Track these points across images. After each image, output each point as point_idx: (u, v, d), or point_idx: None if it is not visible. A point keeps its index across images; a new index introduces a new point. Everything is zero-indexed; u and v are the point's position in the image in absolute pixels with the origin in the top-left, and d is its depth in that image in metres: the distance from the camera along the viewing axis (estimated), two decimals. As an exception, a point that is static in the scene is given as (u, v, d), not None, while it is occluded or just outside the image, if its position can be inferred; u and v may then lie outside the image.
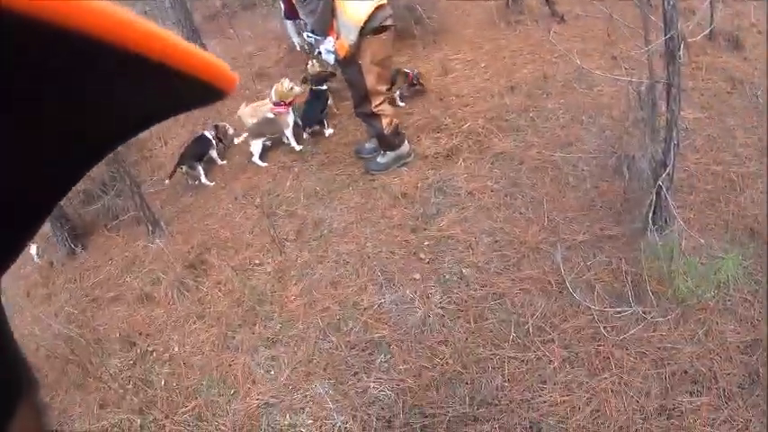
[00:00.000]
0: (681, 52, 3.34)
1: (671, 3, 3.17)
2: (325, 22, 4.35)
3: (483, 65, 6.18)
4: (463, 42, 6.79)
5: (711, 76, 5.40)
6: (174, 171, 5.71)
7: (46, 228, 5.68)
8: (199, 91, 0.33)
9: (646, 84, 3.55)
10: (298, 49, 7.68)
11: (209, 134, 5.94)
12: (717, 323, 3.22)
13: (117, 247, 5.48)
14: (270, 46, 8.47)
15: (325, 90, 5.73)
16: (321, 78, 5.66)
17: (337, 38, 4.39)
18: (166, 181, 5.82)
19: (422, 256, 4.12)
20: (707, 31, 5.89)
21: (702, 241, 3.51)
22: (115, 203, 5.68)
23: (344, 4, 4.28)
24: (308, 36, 4.88)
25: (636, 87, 3.72)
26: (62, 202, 5.93)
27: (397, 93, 5.74)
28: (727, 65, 5.55)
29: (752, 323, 3.20)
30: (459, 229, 4.23)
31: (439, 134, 5.25)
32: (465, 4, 7.87)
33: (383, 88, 4.73)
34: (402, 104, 5.79)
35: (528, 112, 5.25)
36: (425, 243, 4.21)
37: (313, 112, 5.70)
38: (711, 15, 5.93)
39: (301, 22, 4.79)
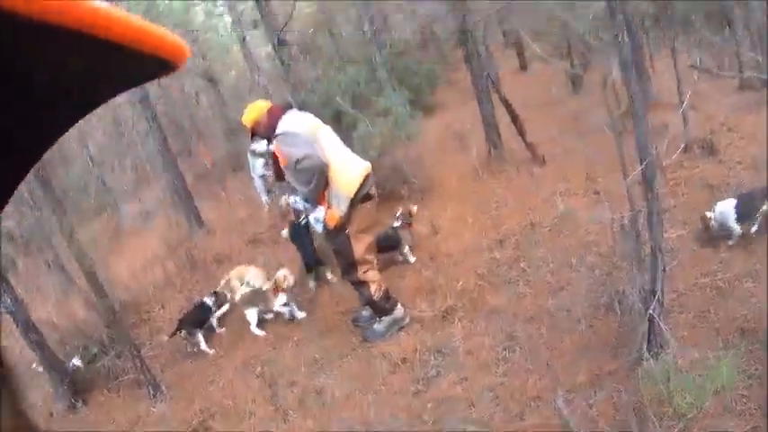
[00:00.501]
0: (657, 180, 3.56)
1: (643, 132, 3.43)
2: (319, 193, 4.51)
3: (471, 220, 6.46)
4: (450, 198, 7.14)
5: (690, 190, 5.69)
6: (175, 333, 5.81)
7: (45, 378, 5.80)
8: (148, 65, 0.34)
9: (627, 217, 3.75)
10: (266, 208, 7.72)
11: (209, 301, 6.07)
12: (717, 426, 3.24)
13: (118, 408, 5.47)
14: (261, 210, 8.84)
15: (306, 222, 5.72)
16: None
17: (328, 207, 4.53)
18: (165, 338, 5.94)
19: (425, 417, 4.08)
20: (682, 146, 6.22)
21: (697, 354, 3.60)
22: (115, 364, 5.76)
23: (338, 175, 4.49)
24: (294, 202, 5.01)
25: (618, 222, 3.92)
26: (62, 358, 6.05)
27: (407, 248, 5.97)
28: (704, 173, 5.85)
29: (750, 414, 3.27)
30: (460, 389, 4.22)
31: (433, 296, 5.36)
32: (448, 159, 8.33)
33: (370, 257, 4.83)
34: (413, 259, 6.00)
35: (518, 262, 5.42)
36: (428, 405, 4.18)
37: (307, 250, 5.95)
38: (685, 128, 6.28)
39: (284, 183, 4.92)
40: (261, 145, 4.90)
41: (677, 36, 9.16)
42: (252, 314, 5.78)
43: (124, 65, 0.33)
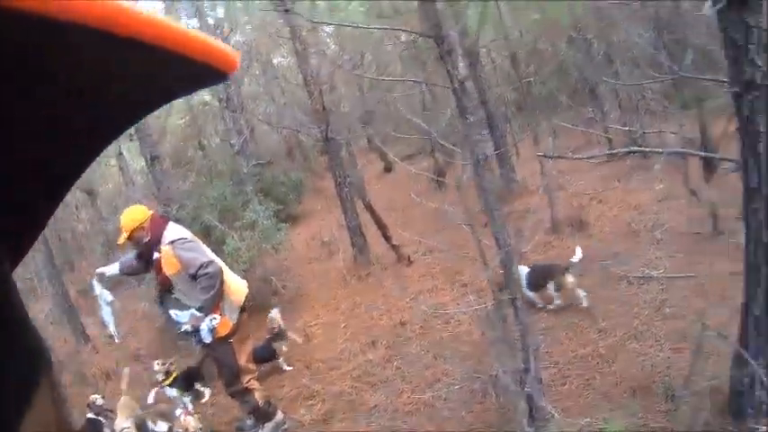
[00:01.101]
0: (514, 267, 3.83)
1: (499, 224, 3.69)
2: (216, 301, 4.36)
3: (343, 325, 6.53)
4: (320, 305, 7.19)
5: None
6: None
7: None
8: (199, 72, 0.33)
9: (492, 304, 3.98)
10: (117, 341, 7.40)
11: (92, 415, 5.59)
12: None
13: None
14: (140, 327, 8.41)
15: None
16: None
17: (221, 315, 4.39)
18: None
19: None
20: (548, 227, 6.69)
21: (584, 420, 3.77)
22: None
23: (230, 283, 4.47)
24: (176, 316, 4.57)
25: (484, 311, 4.14)
26: None
27: (281, 359, 5.89)
28: (573, 249, 6.27)
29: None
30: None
31: (312, 401, 5.31)
32: (316, 267, 8.44)
33: (252, 366, 4.82)
34: (289, 368, 5.92)
35: (392, 362, 5.51)
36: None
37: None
38: (552, 210, 6.77)
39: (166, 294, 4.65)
40: (112, 268, 4.65)
41: (539, 121, 10.12)
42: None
43: (174, 71, 0.33)
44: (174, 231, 4.41)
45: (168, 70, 0.32)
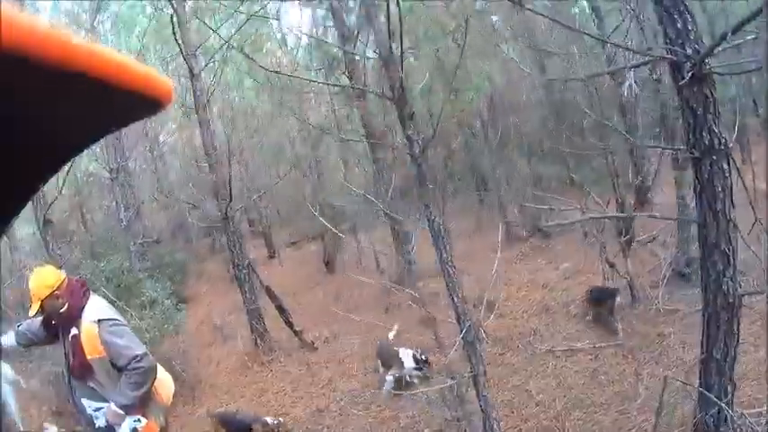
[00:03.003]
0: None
1: (457, 300, 3.60)
2: (144, 399, 3.60)
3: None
4: (223, 393, 6.64)
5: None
6: None
7: None
8: (137, 104, 0.32)
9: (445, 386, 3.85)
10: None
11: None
12: None
13: None
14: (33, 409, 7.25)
15: None
16: None
17: (146, 417, 3.62)
18: None
19: None
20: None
21: None
22: None
23: (160, 383, 3.72)
24: (95, 411, 3.66)
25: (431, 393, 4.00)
26: None
27: None
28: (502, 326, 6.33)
29: None
30: None
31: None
32: (213, 352, 7.90)
33: None
34: None
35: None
36: None
37: None
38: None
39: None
40: (7, 339, 3.70)
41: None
42: None
43: (111, 103, 0.31)
44: (99, 307, 3.63)
45: (109, 102, 0.32)
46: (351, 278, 8.75)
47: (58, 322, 3.62)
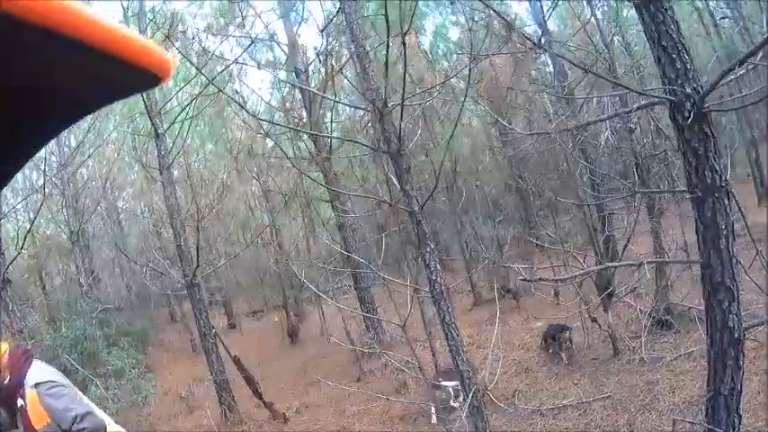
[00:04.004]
0: None
1: (462, 363, 3.46)
2: None
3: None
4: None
5: None
6: None
7: None
8: (134, 76, 0.31)
9: None
10: None
11: None
12: None
13: None
14: None
15: None
16: None
17: None
18: None
19: None
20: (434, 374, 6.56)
21: None
22: None
23: None
24: None
25: None
26: None
27: None
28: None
29: None
30: None
31: None
32: (180, 424, 7.49)
33: None
34: None
35: None
36: None
37: None
38: (434, 357, 6.66)
39: None
40: None
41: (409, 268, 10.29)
42: None
43: (109, 73, 0.31)
44: (38, 371, 3.36)
45: (108, 72, 0.31)
46: (317, 348, 8.53)
47: (5, 396, 3.31)
